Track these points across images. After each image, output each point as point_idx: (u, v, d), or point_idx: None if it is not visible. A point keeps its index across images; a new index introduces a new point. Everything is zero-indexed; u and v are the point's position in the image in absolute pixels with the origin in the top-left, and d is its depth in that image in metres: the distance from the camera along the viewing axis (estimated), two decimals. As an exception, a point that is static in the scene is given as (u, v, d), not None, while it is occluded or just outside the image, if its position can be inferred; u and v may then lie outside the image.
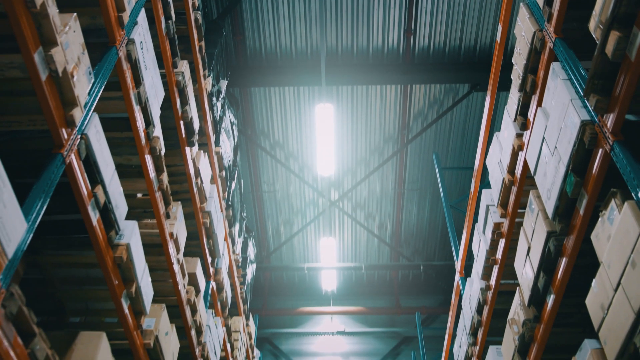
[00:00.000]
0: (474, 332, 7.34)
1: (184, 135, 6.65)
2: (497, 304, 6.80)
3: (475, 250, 7.10)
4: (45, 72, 3.39)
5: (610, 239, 3.57)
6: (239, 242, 10.87)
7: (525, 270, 5.15)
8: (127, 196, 5.26)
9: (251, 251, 12.18)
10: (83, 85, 3.86)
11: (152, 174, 5.44)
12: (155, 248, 6.14)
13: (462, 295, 8.22)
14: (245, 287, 11.51)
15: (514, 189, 5.65)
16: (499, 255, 6.25)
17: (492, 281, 6.54)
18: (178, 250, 6.29)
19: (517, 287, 5.55)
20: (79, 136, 3.86)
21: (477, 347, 7.24)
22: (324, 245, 15.16)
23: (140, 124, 5.08)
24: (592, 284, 3.83)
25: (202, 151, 7.53)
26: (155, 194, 5.56)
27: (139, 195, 5.90)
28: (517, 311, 5.55)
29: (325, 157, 12.80)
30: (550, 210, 4.47)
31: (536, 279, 4.87)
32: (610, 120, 3.62)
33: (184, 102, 6.55)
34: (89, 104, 4.03)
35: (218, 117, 8.79)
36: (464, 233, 8.42)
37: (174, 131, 6.69)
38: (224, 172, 9.07)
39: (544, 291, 4.84)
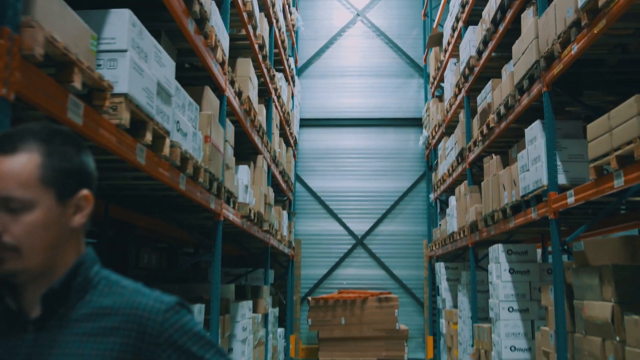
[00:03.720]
0: (463, 4, 10.45)
1: None
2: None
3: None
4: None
5: (526, 28, 6.68)
6: None
7: (491, 4, 8.15)
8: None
9: None
10: None
11: None
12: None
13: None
14: None
15: (499, -62, 8.13)
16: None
17: (478, -16, 9.41)
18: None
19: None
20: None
21: (461, 21, 10.49)
22: None
23: None
24: (516, 42, 7.07)
25: None
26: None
27: None
28: (483, 22, 8.71)
29: None
30: (508, -18, 7.30)
31: (495, 15, 7.93)
32: (542, -39, 6.30)
33: None
34: None
35: None
36: None
37: None
38: None
39: (498, 23, 7.98)
